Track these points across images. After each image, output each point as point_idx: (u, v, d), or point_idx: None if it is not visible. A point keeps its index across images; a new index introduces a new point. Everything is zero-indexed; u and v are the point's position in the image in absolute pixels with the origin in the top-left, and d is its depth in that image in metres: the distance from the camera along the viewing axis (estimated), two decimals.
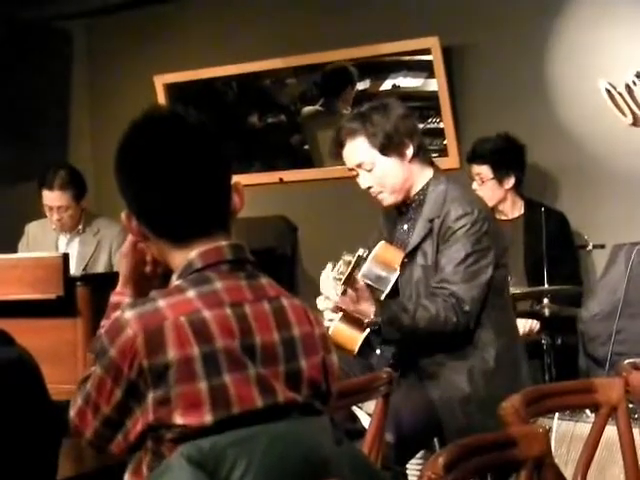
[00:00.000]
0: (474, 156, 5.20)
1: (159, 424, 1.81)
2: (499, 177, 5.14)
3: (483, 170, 5.14)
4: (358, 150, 3.56)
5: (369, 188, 3.59)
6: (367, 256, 3.50)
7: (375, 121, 3.52)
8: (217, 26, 6.54)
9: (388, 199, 3.60)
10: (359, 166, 3.58)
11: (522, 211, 5.25)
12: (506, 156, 5.17)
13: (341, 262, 3.42)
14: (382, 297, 3.51)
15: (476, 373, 3.44)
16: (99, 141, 7.05)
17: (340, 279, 3.35)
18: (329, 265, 3.56)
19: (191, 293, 1.87)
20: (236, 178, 2.01)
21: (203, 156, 1.94)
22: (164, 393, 1.80)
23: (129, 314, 1.85)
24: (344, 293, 3.38)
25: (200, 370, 1.81)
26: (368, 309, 3.41)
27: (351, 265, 3.31)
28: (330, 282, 3.50)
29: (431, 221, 3.49)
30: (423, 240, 3.50)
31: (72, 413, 1.94)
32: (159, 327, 1.82)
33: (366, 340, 3.54)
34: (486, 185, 5.12)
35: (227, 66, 6.42)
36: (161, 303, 1.86)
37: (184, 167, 1.92)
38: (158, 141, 1.94)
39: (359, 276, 3.49)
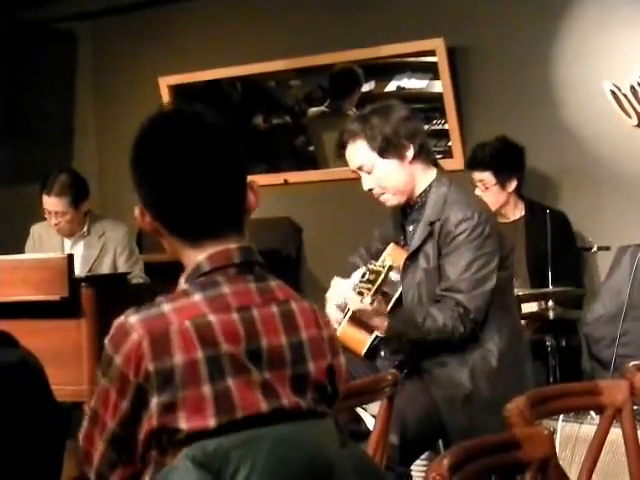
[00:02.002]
0: (475, 163, 5.17)
1: (162, 429, 1.79)
2: (502, 182, 5.13)
3: (485, 177, 5.12)
4: (358, 153, 3.57)
5: (371, 190, 3.61)
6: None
7: (374, 124, 3.53)
8: (221, 28, 6.55)
9: (391, 200, 3.61)
10: (360, 168, 3.60)
11: (523, 213, 5.24)
12: (507, 160, 5.15)
13: (365, 270, 3.39)
14: (392, 301, 3.51)
15: (478, 373, 3.45)
16: (104, 142, 7.07)
17: (368, 288, 3.32)
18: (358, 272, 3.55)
19: (197, 297, 1.86)
20: None
21: (219, 155, 1.92)
22: (170, 397, 1.78)
23: (134, 319, 1.83)
24: (372, 303, 3.36)
25: (204, 374, 1.79)
26: (381, 323, 3.43)
27: (382, 276, 3.29)
28: (349, 290, 3.48)
29: (432, 224, 3.49)
30: (424, 242, 3.50)
31: (80, 439, 1.91)
32: (164, 331, 1.80)
33: (372, 342, 3.54)
34: (490, 191, 5.11)
35: (231, 67, 6.43)
36: (166, 308, 1.84)
37: (199, 165, 1.90)
38: (174, 138, 1.91)
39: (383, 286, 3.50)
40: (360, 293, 3.35)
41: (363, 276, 3.39)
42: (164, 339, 1.80)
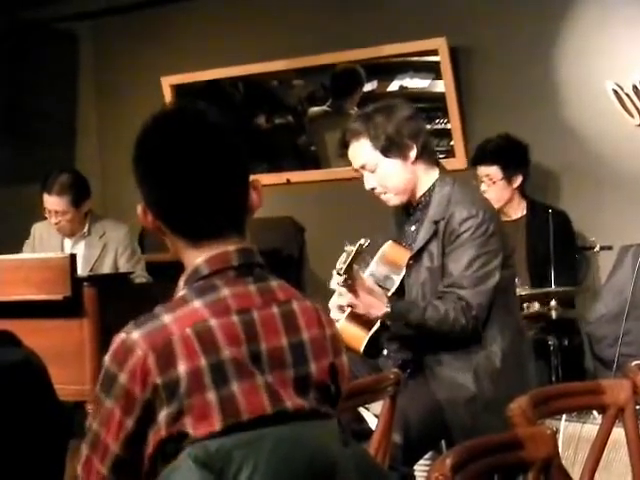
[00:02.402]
0: (482, 157, 5.18)
1: (170, 438, 1.78)
2: (508, 176, 5.14)
3: (492, 171, 5.13)
4: (361, 151, 3.57)
5: (373, 189, 3.60)
6: (368, 246, 3.48)
7: (378, 123, 3.53)
8: (223, 27, 6.55)
9: (393, 200, 3.61)
10: (362, 167, 3.60)
11: (525, 212, 5.25)
12: (514, 155, 5.17)
13: (344, 254, 3.40)
14: (389, 295, 3.51)
15: (482, 373, 3.44)
16: (105, 142, 7.07)
17: (341, 268, 3.34)
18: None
19: (197, 303, 1.84)
20: None
21: (221, 154, 1.91)
22: (177, 407, 1.77)
23: (136, 334, 1.81)
24: (345, 282, 3.37)
25: (208, 381, 1.78)
26: (379, 304, 3.42)
27: (352, 254, 3.30)
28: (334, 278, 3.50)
29: (436, 223, 3.49)
30: (429, 242, 3.50)
31: (79, 468, 1.86)
32: (168, 343, 1.79)
33: (373, 341, 3.54)
34: (497, 185, 5.11)
35: (233, 67, 6.43)
36: (166, 319, 1.82)
37: (201, 164, 1.88)
38: (176, 137, 1.90)
39: (366, 274, 3.49)
40: (339, 275, 3.37)
41: (341, 260, 3.41)
42: (168, 351, 1.79)
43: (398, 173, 3.55)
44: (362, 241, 3.35)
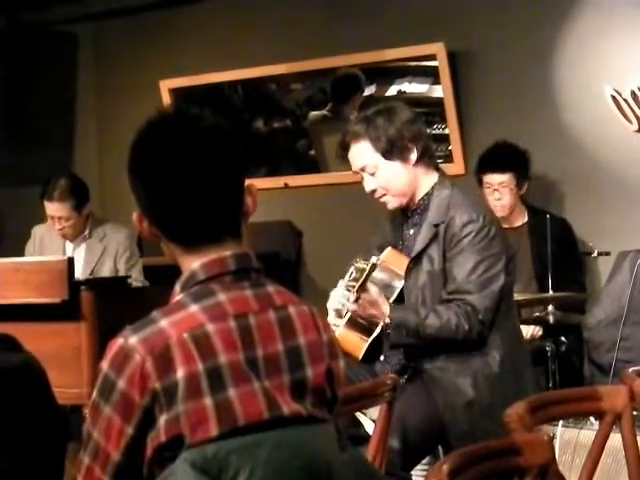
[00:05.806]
0: (494, 164, 5.13)
1: (169, 443, 1.77)
2: (519, 184, 5.13)
3: (506, 178, 5.09)
4: (362, 154, 3.56)
5: (373, 191, 3.60)
6: (380, 264, 3.50)
7: (379, 125, 3.52)
8: (223, 31, 6.55)
9: (392, 202, 3.60)
10: (363, 169, 3.59)
11: (526, 219, 5.24)
12: (523, 162, 5.16)
13: (353, 269, 3.40)
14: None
15: (480, 378, 3.44)
16: (105, 144, 7.07)
17: (353, 286, 3.34)
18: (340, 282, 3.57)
19: (193, 308, 1.84)
20: None
21: (215, 160, 1.90)
22: (175, 412, 1.77)
23: (133, 339, 1.80)
24: (357, 301, 3.37)
25: (205, 386, 1.78)
26: (381, 315, 3.42)
27: (365, 273, 3.30)
28: (341, 291, 3.50)
29: (436, 226, 3.49)
30: (428, 245, 3.49)
31: (79, 478, 1.84)
32: (165, 347, 1.79)
33: (370, 346, 3.54)
34: (510, 193, 5.09)
35: (232, 71, 6.44)
36: (163, 323, 1.82)
37: (195, 171, 1.88)
38: (169, 144, 1.89)
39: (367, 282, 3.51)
40: (348, 291, 3.37)
41: (350, 275, 3.41)
42: (166, 355, 1.78)
43: (399, 175, 3.55)
44: (374, 259, 3.36)
